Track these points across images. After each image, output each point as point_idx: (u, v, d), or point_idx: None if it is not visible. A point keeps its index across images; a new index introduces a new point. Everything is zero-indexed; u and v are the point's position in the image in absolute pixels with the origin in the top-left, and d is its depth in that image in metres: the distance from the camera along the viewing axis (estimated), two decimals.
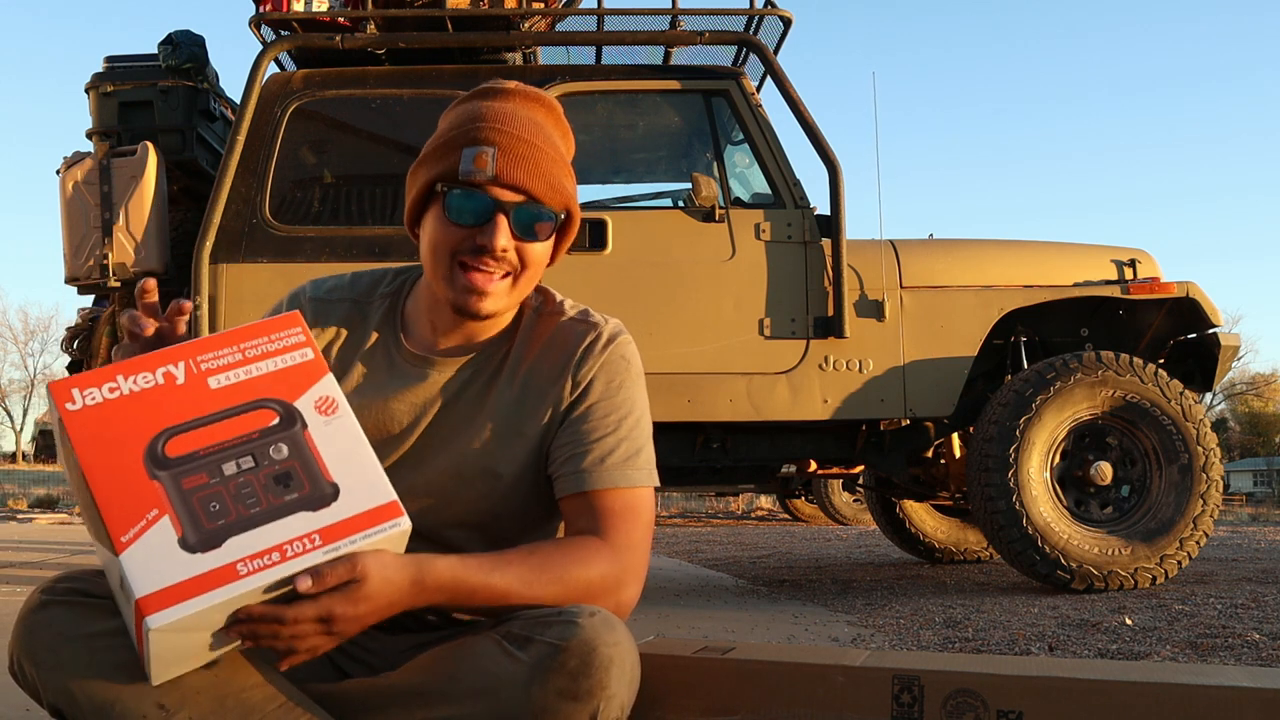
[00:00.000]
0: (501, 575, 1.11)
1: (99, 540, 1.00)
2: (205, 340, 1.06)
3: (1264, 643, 2.77)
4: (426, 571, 1.05)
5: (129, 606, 0.96)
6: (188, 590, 0.93)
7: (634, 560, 1.21)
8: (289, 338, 1.09)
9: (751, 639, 3.17)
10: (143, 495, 0.96)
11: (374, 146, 4.13)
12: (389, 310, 1.35)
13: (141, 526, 0.95)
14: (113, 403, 1.00)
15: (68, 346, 4.47)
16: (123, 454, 0.98)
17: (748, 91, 4.03)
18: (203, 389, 1.03)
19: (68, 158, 3.93)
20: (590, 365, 1.29)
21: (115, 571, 0.97)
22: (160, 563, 0.94)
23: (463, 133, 1.23)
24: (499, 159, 1.21)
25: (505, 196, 1.22)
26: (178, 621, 0.92)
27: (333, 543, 0.99)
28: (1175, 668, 1.28)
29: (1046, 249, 4.30)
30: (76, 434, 0.97)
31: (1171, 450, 3.88)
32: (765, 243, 3.96)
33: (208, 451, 1.01)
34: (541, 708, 1.04)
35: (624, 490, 1.24)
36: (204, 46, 4.13)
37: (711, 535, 8.75)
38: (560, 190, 1.26)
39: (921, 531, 5.39)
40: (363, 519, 1.01)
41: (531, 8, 4.14)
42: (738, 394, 3.90)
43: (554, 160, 1.25)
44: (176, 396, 1.02)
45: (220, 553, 0.95)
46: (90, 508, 0.98)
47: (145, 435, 0.99)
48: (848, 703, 1.23)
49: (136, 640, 0.98)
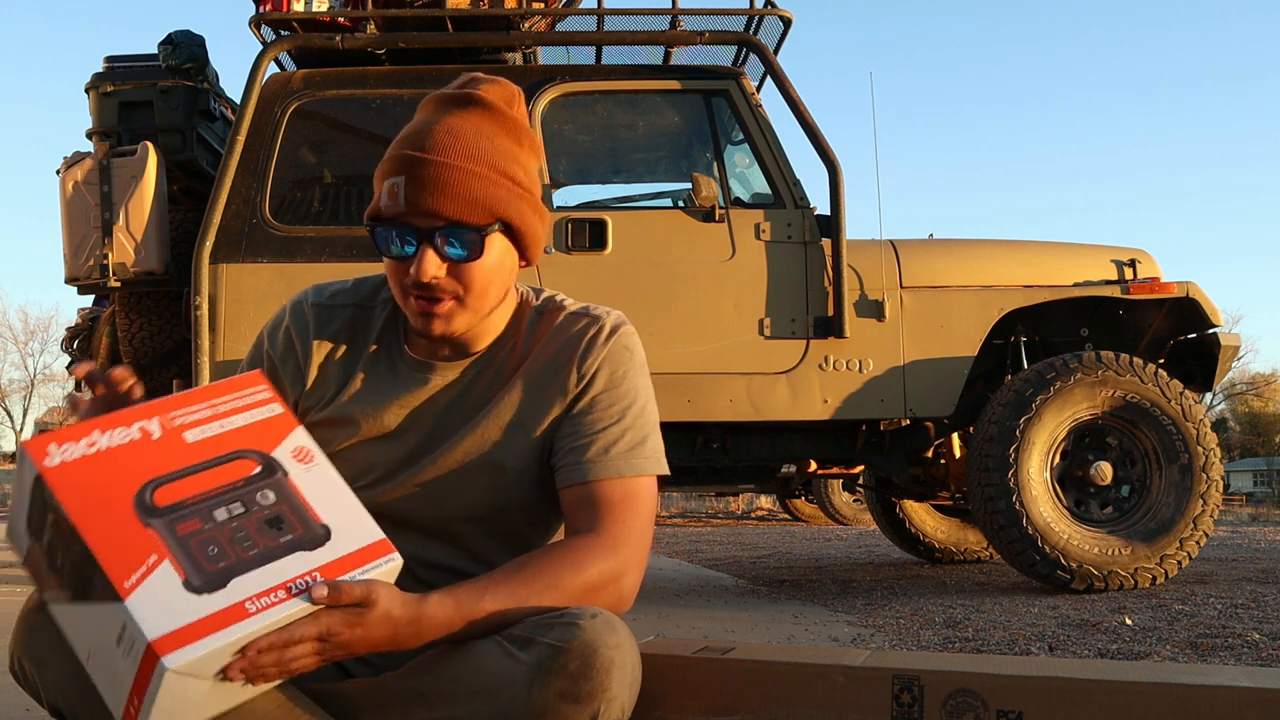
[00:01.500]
0: (492, 598, 1.10)
1: (79, 598, 0.98)
2: (173, 398, 1.09)
3: (1264, 643, 2.77)
4: (424, 611, 1.06)
5: (126, 660, 0.93)
6: (200, 630, 0.92)
7: (632, 551, 1.20)
8: (256, 394, 1.13)
9: (751, 639, 3.17)
10: (139, 542, 0.96)
11: (374, 146, 4.13)
12: (391, 315, 1.35)
13: (143, 572, 0.94)
14: (91, 458, 1.00)
15: (68, 346, 4.48)
16: (112, 504, 0.98)
17: (748, 91, 4.03)
18: (179, 443, 1.05)
19: (68, 158, 3.93)
20: (594, 357, 1.29)
21: (106, 625, 0.95)
22: (168, 606, 0.93)
23: (386, 162, 1.22)
24: (407, 188, 1.18)
25: (424, 223, 1.19)
26: (192, 662, 0.91)
27: (333, 579, 1.01)
28: (1175, 668, 1.28)
29: (1046, 249, 4.30)
30: (60, 488, 0.96)
31: (1171, 450, 3.88)
32: (765, 243, 3.96)
33: (196, 499, 1.01)
34: (542, 709, 1.03)
35: (626, 480, 1.23)
36: (204, 46, 4.13)
37: (711, 535, 8.75)
38: (481, 203, 1.20)
39: (921, 531, 5.39)
40: (357, 556, 1.04)
41: (531, 8, 4.14)
42: (738, 394, 3.90)
43: (469, 173, 1.19)
44: (155, 450, 1.03)
45: (226, 593, 0.95)
46: (77, 564, 0.96)
47: (131, 486, 0.99)
48: (848, 703, 1.23)
49: (127, 697, 0.96)
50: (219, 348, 3.78)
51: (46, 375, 45.64)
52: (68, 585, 0.99)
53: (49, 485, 0.97)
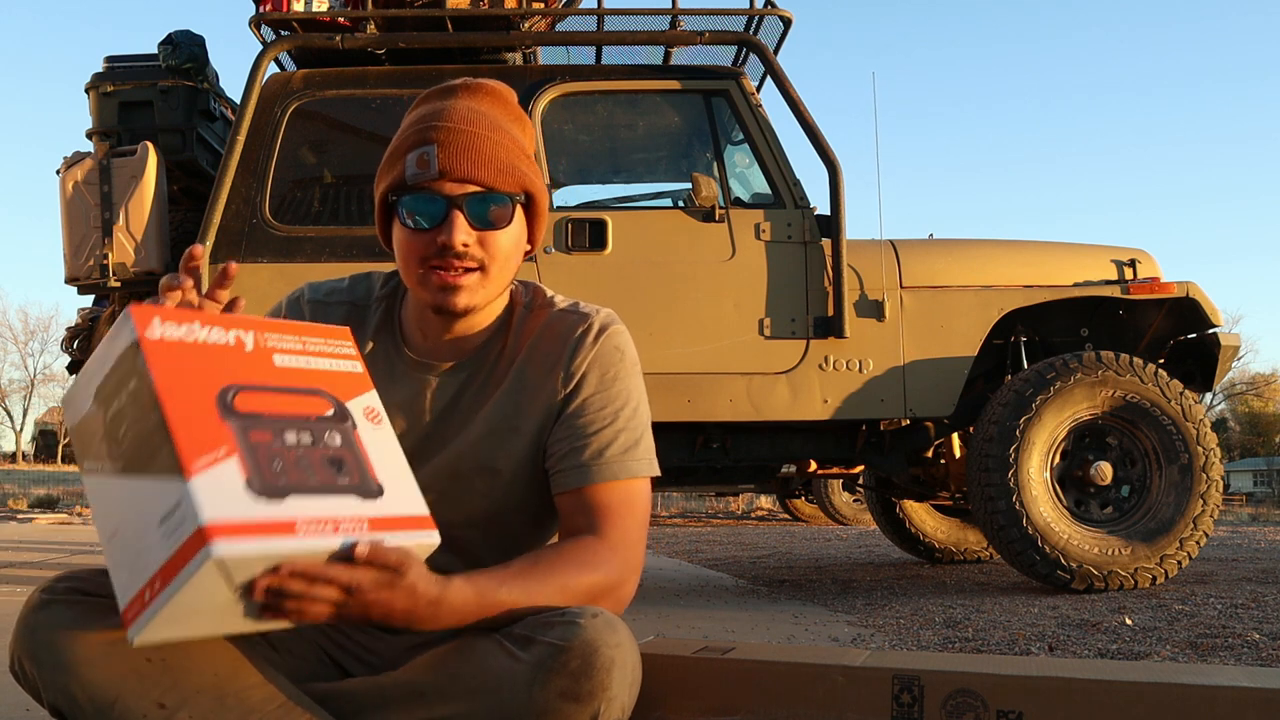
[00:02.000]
0: (509, 591, 1.11)
1: (131, 470, 0.98)
2: (272, 321, 1.11)
3: (1264, 643, 2.77)
4: (447, 593, 1.05)
5: (166, 540, 0.93)
6: (252, 530, 0.93)
7: (631, 555, 1.22)
8: (343, 347, 1.15)
9: (751, 639, 3.17)
10: (214, 432, 0.97)
11: (374, 147, 4.13)
12: (385, 315, 1.35)
13: (211, 459, 0.95)
14: (187, 344, 1.02)
15: (68, 346, 4.47)
16: (197, 390, 0.99)
17: (748, 91, 4.03)
18: (268, 362, 1.07)
19: (68, 158, 3.93)
20: (583, 357, 1.29)
21: (153, 502, 0.95)
22: (227, 498, 0.93)
23: (404, 140, 1.23)
24: (439, 155, 1.20)
25: (455, 190, 1.21)
26: (236, 557, 0.91)
27: (379, 532, 1.02)
28: (1175, 668, 1.28)
29: (1046, 249, 4.30)
30: (154, 358, 0.97)
31: (1171, 450, 3.88)
32: (765, 243, 3.96)
33: (272, 416, 1.03)
34: (543, 708, 1.03)
35: (622, 483, 1.24)
36: (204, 46, 4.13)
37: (711, 535, 8.75)
38: (512, 172, 1.23)
39: (921, 531, 5.39)
40: (404, 521, 1.05)
41: (531, 8, 4.14)
42: (738, 394, 3.90)
43: (500, 145, 1.23)
44: (245, 361, 1.05)
45: (283, 507, 0.96)
46: (146, 435, 0.96)
47: (217, 382, 1.01)
48: (848, 703, 1.23)
49: (148, 579, 0.94)
50: None
51: (46, 375, 45.67)
52: (122, 456, 0.99)
53: (144, 352, 0.97)
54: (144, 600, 0.95)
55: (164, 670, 1.06)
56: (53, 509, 14.38)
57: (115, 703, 1.04)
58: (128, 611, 0.96)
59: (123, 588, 0.97)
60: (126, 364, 0.99)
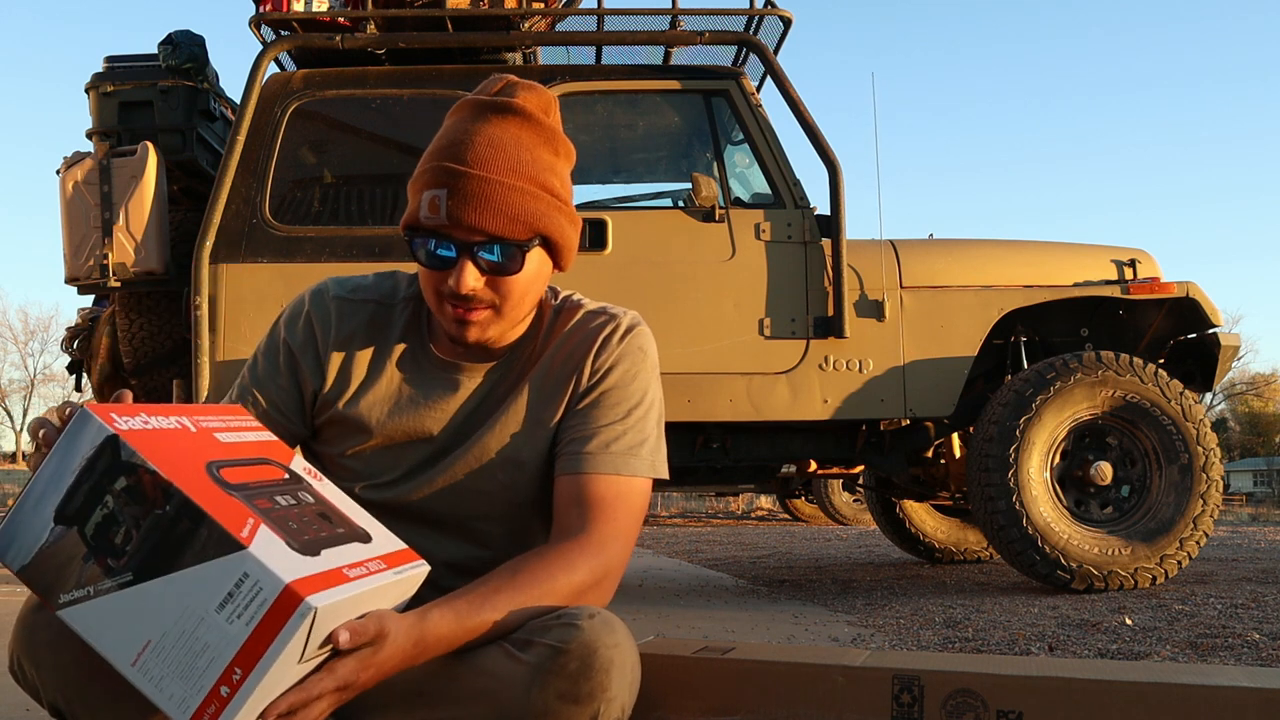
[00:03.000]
0: (492, 608, 1.10)
1: (149, 574, 0.90)
2: (186, 406, 1.08)
3: (1264, 643, 2.77)
4: (426, 630, 1.04)
5: (235, 622, 0.87)
6: (321, 583, 0.90)
7: (618, 549, 1.21)
8: (250, 421, 1.14)
9: (751, 639, 3.17)
10: (233, 506, 0.93)
11: (374, 146, 4.13)
12: (414, 315, 1.35)
13: (251, 527, 0.91)
14: (151, 432, 0.96)
15: (68, 346, 4.47)
16: (190, 470, 0.94)
17: (748, 91, 4.03)
18: (214, 440, 1.03)
19: (68, 158, 3.93)
20: (608, 354, 1.30)
21: (198, 594, 0.88)
22: (284, 560, 0.89)
23: (422, 172, 1.22)
24: (450, 203, 1.18)
25: (465, 237, 1.19)
26: (329, 607, 0.88)
27: (394, 568, 1.02)
28: (1175, 668, 1.28)
29: (1046, 249, 4.30)
30: (143, 448, 0.92)
31: (1171, 450, 3.88)
32: (765, 243, 3.96)
33: (256, 484, 1.00)
34: (542, 710, 1.03)
35: (621, 478, 1.24)
36: (204, 46, 4.13)
37: (711, 535, 8.75)
38: (523, 219, 1.20)
39: (921, 531, 5.39)
40: (400, 556, 1.06)
41: (531, 8, 4.14)
42: (738, 394, 3.90)
43: (512, 188, 1.19)
44: (197, 441, 1.01)
45: (323, 560, 0.94)
46: (166, 529, 0.90)
47: (198, 462, 0.96)
48: (848, 703, 1.23)
49: (221, 673, 0.87)
50: (219, 348, 3.78)
51: (46, 375, 45.62)
52: (133, 563, 0.90)
53: (131, 445, 0.91)
54: (219, 696, 0.88)
55: None
56: None
57: (115, 703, 1.04)
58: (196, 718, 0.88)
59: (178, 700, 0.89)
60: (102, 465, 0.92)
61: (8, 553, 0.94)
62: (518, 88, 1.26)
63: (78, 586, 0.91)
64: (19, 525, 0.94)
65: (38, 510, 0.93)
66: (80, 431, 0.93)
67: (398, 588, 1.04)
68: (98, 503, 0.92)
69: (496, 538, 1.31)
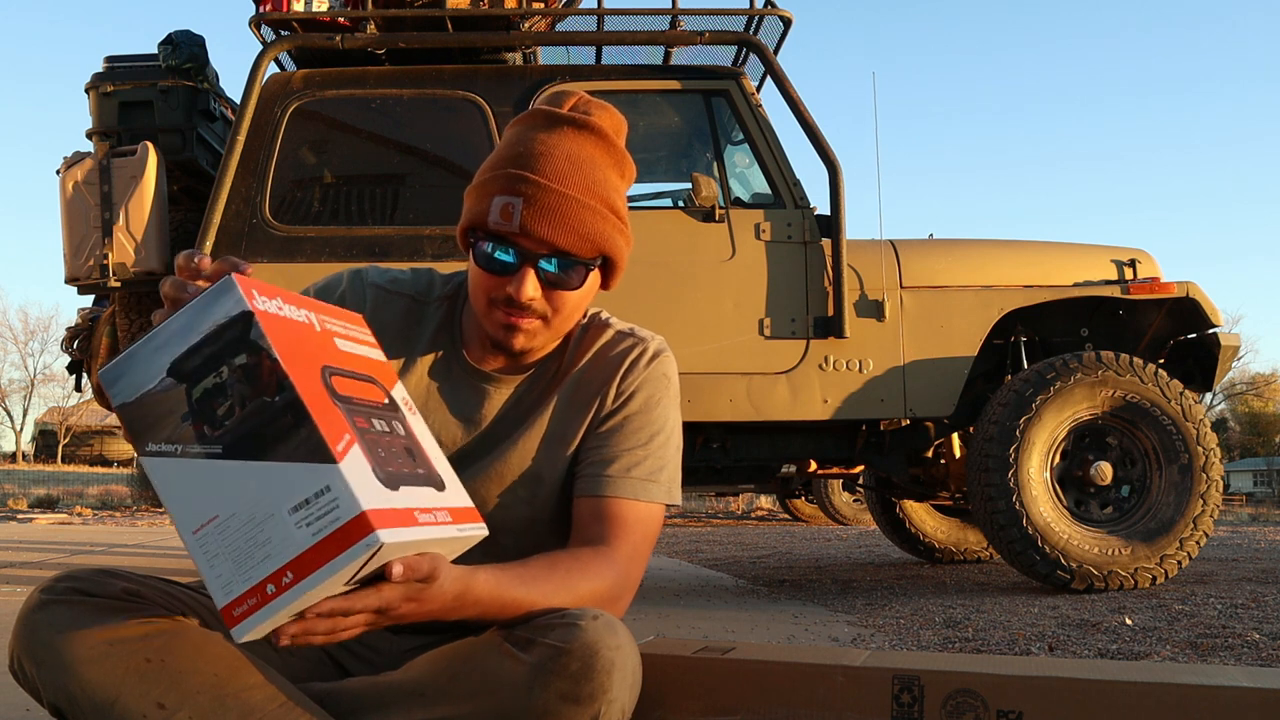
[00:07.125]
0: (528, 590, 1.12)
1: (240, 454, 0.89)
2: (313, 300, 1.05)
3: (1264, 643, 2.77)
4: (470, 587, 1.05)
5: (302, 529, 0.86)
6: (394, 519, 0.87)
7: (634, 571, 1.25)
8: (368, 335, 1.11)
9: (751, 639, 3.17)
10: (336, 415, 0.91)
11: (374, 146, 4.13)
12: (447, 317, 1.36)
13: (346, 444, 0.89)
14: (283, 319, 0.94)
15: (68, 346, 4.47)
16: (307, 368, 0.92)
17: (748, 91, 4.03)
18: (332, 345, 1.01)
19: (68, 158, 3.93)
20: (634, 378, 1.32)
21: (277, 488, 0.87)
22: (367, 486, 0.87)
23: (494, 177, 1.22)
24: (524, 212, 1.19)
25: (533, 248, 1.21)
26: (393, 545, 0.86)
27: (458, 524, 1.00)
28: (1175, 668, 1.28)
29: (1046, 249, 4.30)
30: (272, 334, 0.90)
31: (1171, 450, 3.88)
32: (765, 243, 3.96)
33: (359, 402, 0.97)
34: (543, 710, 1.04)
35: (640, 503, 1.27)
36: (204, 46, 4.13)
37: (711, 535, 8.75)
38: (592, 238, 1.22)
39: (921, 531, 5.39)
40: (465, 513, 1.04)
41: (531, 8, 4.14)
42: (738, 394, 3.90)
43: (586, 207, 1.21)
44: (319, 342, 0.98)
45: (399, 496, 0.92)
46: (268, 416, 0.89)
47: (315, 363, 0.94)
48: (848, 703, 1.23)
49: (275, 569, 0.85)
50: None
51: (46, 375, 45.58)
52: (228, 436, 0.90)
53: (261, 326, 0.90)
54: (264, 593, 0.87)
55: (164, 670, 1.05)
56: (53, 509, 14.38)
57: (115, 703, 1.04)
58: (234, 606, 0.88)
59: (224, 581, 0.88)
60: (230, 336, 0.91)
61: (115, 385, 0.94)
62: (593, 106, 1.27)
63: (168, 441, 0.91)
64: (134, 364, 0.94)
65: (155, 357, 0.93)
66: (219, 297, 0.92)
67: (455, 543, 1.03)
68: (213, 370, 0.91)
69: (509, 551, 1.31)
